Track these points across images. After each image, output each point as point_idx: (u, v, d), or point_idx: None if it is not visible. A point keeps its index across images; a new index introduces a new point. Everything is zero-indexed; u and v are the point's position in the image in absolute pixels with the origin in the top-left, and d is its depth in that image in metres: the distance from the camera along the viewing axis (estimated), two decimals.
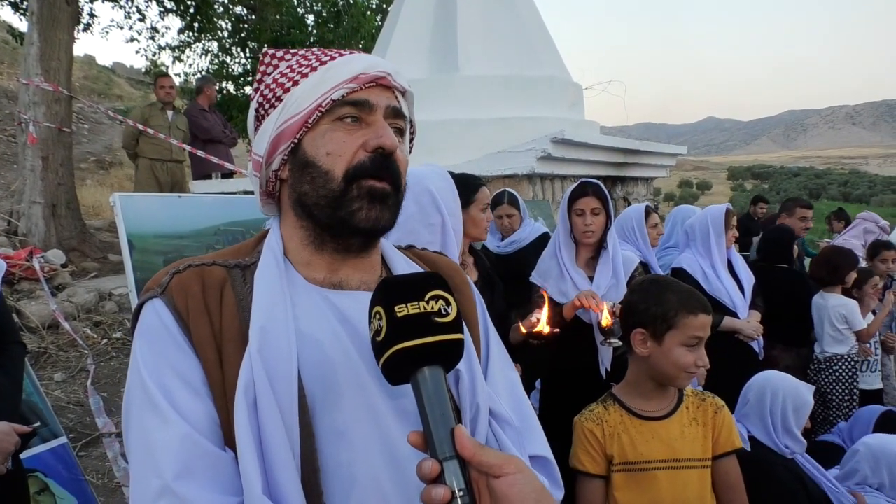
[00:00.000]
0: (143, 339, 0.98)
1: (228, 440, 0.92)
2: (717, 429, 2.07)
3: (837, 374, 4.27)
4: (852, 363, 4.31)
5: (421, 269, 1.17)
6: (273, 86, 1.07)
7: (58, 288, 6.40)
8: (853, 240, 6.46)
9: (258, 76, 1.10)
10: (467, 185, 2.91)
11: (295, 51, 1.10)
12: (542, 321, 2.71)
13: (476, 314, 1.21)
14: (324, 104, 1.02)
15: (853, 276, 4.45)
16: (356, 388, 0.98)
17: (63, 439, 3.02)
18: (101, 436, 3.89)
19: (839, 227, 9.43)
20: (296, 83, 1.05)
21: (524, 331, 2.77)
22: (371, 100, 1.04)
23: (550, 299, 2.96)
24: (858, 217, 7.07)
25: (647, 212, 3.92)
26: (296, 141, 1.05)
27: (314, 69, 1.05)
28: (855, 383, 4.30)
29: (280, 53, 1.10)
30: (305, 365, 0.97)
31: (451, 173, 2.24)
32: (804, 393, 2.66)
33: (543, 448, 1.13)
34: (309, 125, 1.03)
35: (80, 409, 4.77)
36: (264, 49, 1.12)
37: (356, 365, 1.00)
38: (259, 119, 1.09)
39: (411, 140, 1.21)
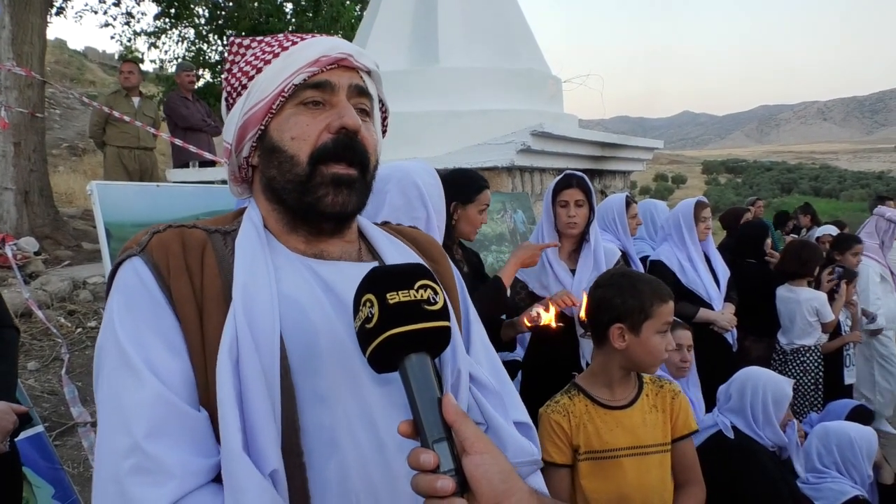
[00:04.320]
0: (120, 297, 0.96)
1: (204, 400, 0.91)
2: (675, 413, 2.14)
3: (805, 365, 4.38)
4: (818, 354, 4.43)
5: (402, 244, 1.19)
6: (238, 74, 1.09)
7: (31, 276, 6.32)
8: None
9: (226, 66, 1.12)
10: (472, 184, 2.90)
11: (261, 38, 1.12)
12: (548, 315, 2.70)
13: (455, 284, 1.23)
14: (286, 89, 1.03)
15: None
16: (337, 355, 0.98)
17: (39, 428, 2.99)
18: (77, 425, 3.85)
19: (806, 221, 9.59)
20: (259, 70, 1.06)
21: (528, 324, 2.76)
22: (332, 80, 1.05)
23: (531, 292, 2.98)
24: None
25: (628, 202, 3.96)
26: (262, 127, 1.06)
27: (276, 55, 1.06)
28: (820, 374, 4.42)
29: (246, 42, 1.12)
30: (288, 328, 0.96)
31: (459, 168, 2.17)
32: (784, 385, 2.78)
33: (523, 414, 1.16)
34: (273, 111, 1.05)
35: (54, 398, 4.72)
36: (231, 38, 1.14)
37: (338, 331, 0.99)
38: (229, 108, 1.11)
39: (385, 122, 1.21)
